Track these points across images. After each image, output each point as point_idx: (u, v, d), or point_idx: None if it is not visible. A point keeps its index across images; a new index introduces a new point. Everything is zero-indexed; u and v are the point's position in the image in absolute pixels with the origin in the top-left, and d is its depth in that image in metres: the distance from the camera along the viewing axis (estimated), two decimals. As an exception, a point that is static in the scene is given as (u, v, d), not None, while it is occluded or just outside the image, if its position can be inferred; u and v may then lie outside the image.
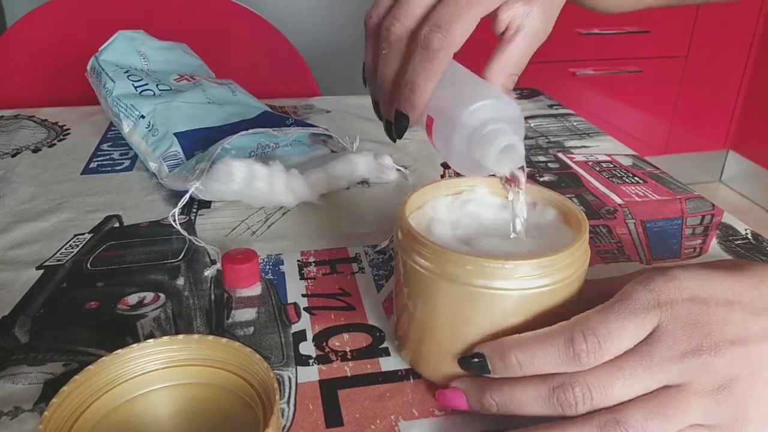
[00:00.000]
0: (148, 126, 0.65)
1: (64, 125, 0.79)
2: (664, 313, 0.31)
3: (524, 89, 0.96)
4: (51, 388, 0.38)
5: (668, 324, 0.31)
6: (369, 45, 0.42)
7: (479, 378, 0.34)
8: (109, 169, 0.68)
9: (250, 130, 0.62)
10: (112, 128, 0.78)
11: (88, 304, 0.46)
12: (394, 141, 0.41)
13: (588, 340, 0.31)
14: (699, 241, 0.56)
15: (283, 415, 0.36)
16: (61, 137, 0.76)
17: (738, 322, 0.31)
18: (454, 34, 0.36)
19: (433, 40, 0.36)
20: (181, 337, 0.33)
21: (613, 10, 0.54)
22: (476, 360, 0.33)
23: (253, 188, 0.57)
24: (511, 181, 0.37)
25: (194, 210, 0.59)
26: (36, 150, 0.72)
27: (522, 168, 0.37)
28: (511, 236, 0.38)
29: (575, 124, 0.83)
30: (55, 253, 0.52)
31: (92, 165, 0.68)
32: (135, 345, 0.32)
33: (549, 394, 0.31)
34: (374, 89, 0.43)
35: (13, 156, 0.70)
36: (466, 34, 0.37)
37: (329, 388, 0.38)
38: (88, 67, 0.73)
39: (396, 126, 0.40)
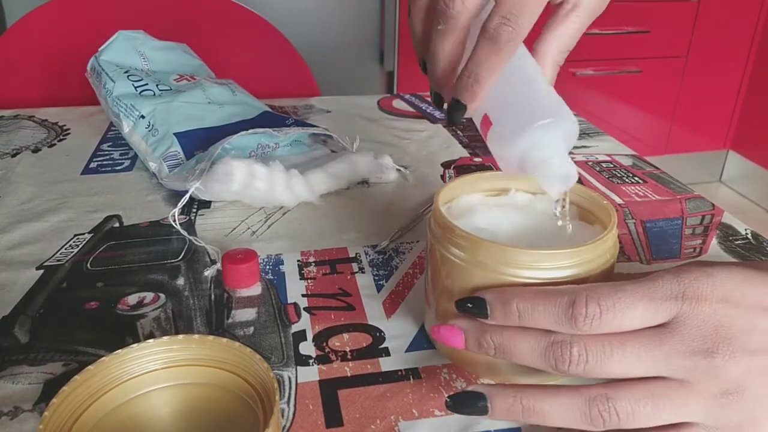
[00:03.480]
0: (148, 126, 0.65)
1: (64, 125, 0.79)
2: (685, 306, 0.30)
3: (524, 89, 0.96)
4: (51, 388, 0.38)
5: (687, 319, 0.30)
6: (415, 10, 0.39)
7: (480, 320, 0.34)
8: (109, 169, 0.68)
9: (250, 130, 0.62)
10: (112, 128, 0.78)
11: (88, 304, 0.46)
12: (451, 124, 0.41)
13: (589, 306, 0.30)
14: (699, 241, 0.56)
15: (283, 415, 0.36)
16: (61, 137, 0.76)
17: (766, 331, 0.30)
18: (523, 25, 0.34)
19: (503, 33, 0.34)
20: (181, 337, 0.33)
21: None
22: (474, 304, 0.34)
23: (253, 188, 0.57)
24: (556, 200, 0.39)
25: (194, 210, 0.59)
26: (36, 150, 0.72)
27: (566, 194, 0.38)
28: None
29: (575, 124, 0.83)
30: (55, 253, 0.52)
31: (92, 165, 0.68)
32: (135, 345, 0.32)
33: (546, 347, 0.31)
34: (422, 53, 0.41)
35: (13, 156, 0.70)
36: (533, 23, 0.35)
37: (329, 388, 0.38)
38: (88, 67, 0.73)
39: (451, 113, 0.38)
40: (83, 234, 0.55)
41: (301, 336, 0.43)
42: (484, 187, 0.43)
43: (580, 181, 0.66)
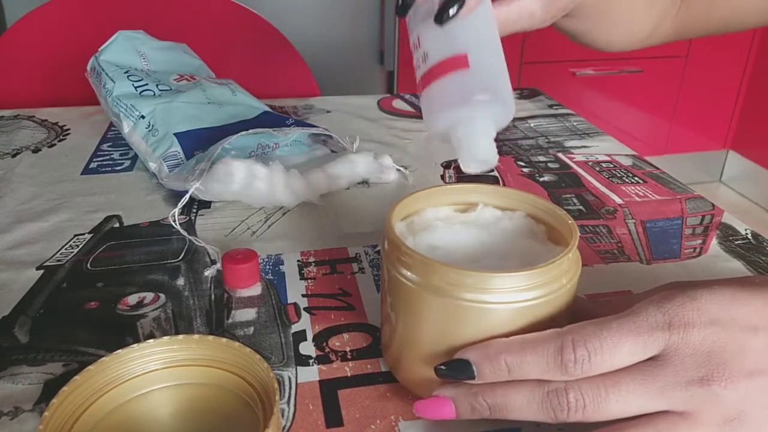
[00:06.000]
0: (148, 126, 0.65)
1: (64, 125, 0.79)
2: (674, 335, 0.29)
3: (524, 89, 0.96)
4: (51, 388, 0.38)
5: (678, 348, 0.29)
6: None
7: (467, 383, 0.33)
8: (109, 169, 0.68)
9: (250, 130, 0.62)
10: (112, 128, 0.78)
11: (88, 304, 0.46)
12: (440, 21, 0.37)
13: (577, 350, 0.30)
14: (699, 241, 0.56)
15: (283, 415, 0.36)
16: (61, 137, 0.76)
17: (760, 350, 0.29)
18: None
19: None
20: (181, 337, 0.33)
21: (617, 48, 0.53)
22: (457, 367, 0.32)
23: (253, 188, 0.57)
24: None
25: (194, 210, 0.59)
26: (36, 150, 0.72)
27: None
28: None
29: (575, 124, 0.83)
30: (55, 253, 0.52)
31: (92, 165, 0.68)
32: (135, 345, 0.32)
33: (543, 397, 0.31)
34: None
35: (13, 156, 0.70)
36: None
37: (329, 388, 0.38)
38: (88, 67, 0.73)
39: (445, 8, 0.37)
40: (83, 234, 0.55)
41: (301, 336, 0.43)
42: (451, 200, 0.41)
43: (580, 181, 0.66)
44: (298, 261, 0.51)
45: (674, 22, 0.55)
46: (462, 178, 0.67)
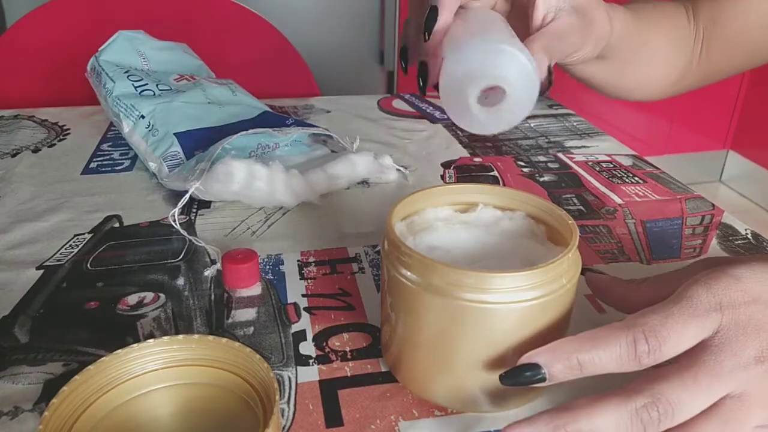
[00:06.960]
0: (148, 126, 0.65)
1: (64, 125, 0.79)
2: (725, 316, 0.31)
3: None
4: (51, 388, 0.38)
5: (730, 329, 0.31)
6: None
7: (547, 414, 0.31)
8: (109, 169, 0.68)
9: (250, 130, 0.62)
10: (112, 128, 0.78)
11: (88, 304, 0.46)
12: (422, 91, 0.40)
13: (650, 341, 0.30)
14: (699, 241, 0.56)
15: (283, 415, 0.36)
16: (61, 137, 0.76)
17: None
18: None
19: None
20: (181, 337, 0.33)
21: (644, 94, 0.56)
22: (528, 372, 0.31)
23: (253, 188, 0.57)
24: None
25: (194, 210, 0.59)
26: (36, 150, 0.72)
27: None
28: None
29: (575, 124, 0.83)
30: (55, 253, 0.52)
31: (92, 165, 0.68)
32: (135, 345, 0.32)
33: (632, 415, 0.30)
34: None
35: (13, 156, 0.70)
36: None
37: (329, 388, 0.38)
38: (88, 67, 0.73)
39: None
40: (83, 234, 0.55)
41: (301, 336, 0.43)
42: (451, 201, 0.41)
43: (580, 181, 0.66)
44: (298, 261, 0.51)
45: (699, 66, 0.57)
46: (462, 178, 0.67)
